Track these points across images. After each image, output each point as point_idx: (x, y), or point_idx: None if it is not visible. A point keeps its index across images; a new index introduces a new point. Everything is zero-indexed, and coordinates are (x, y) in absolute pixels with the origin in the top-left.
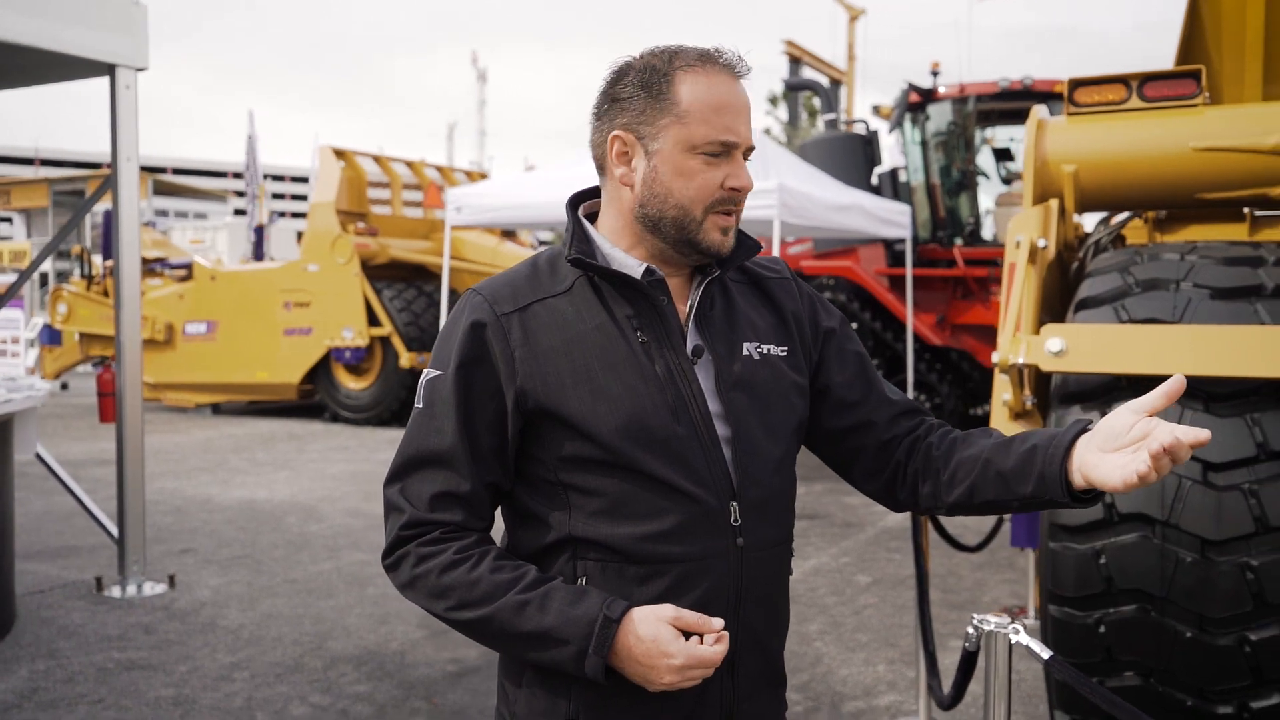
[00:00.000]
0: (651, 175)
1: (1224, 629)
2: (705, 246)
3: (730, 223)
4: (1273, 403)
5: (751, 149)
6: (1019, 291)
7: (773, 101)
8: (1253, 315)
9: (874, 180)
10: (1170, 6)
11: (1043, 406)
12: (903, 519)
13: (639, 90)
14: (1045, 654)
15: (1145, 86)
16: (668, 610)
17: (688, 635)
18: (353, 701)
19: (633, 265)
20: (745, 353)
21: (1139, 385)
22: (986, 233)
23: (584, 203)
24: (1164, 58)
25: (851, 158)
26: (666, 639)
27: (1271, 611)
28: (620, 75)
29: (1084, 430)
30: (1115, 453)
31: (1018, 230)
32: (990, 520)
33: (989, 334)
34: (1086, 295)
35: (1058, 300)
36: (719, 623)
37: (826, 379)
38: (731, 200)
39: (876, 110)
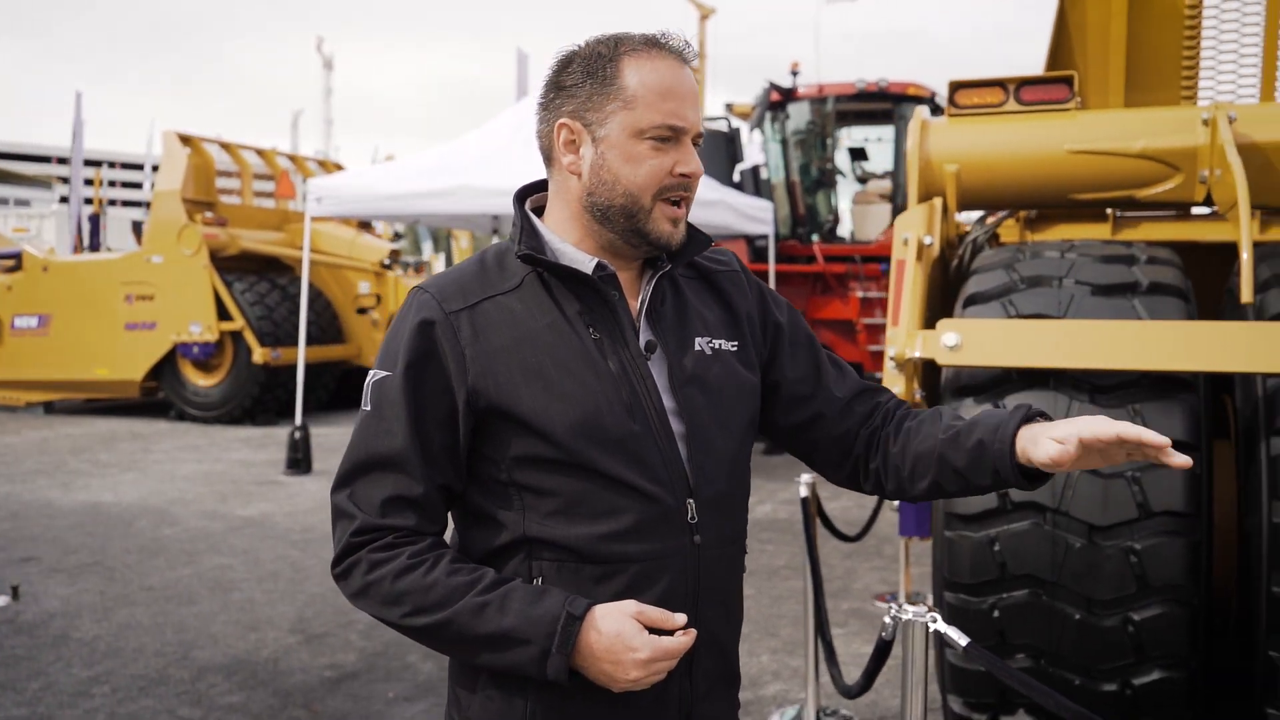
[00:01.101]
0: (599, 162)
1: (1109, 610)
2: (655, 237)
3: (680, 214)
4: (1152, 393)
5: (701, 135)
6: (909, 288)
7: None
8: (1131, 311)
9: (736, 177)
10: (1007, 16)
11: (931, 399)
12: (773, 509)
13: (585, 77)
14: (963, 641)
15: (1022, 90)
16: (630, 605)
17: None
18: (225, 713)
19: (583, 260)
20: (697, 348)
21: (1029, 378)
22: (843, 230)
23: (529, 196)
24: (1000, 63)
25: (715, 154)
26: (630, 633)
27: (1153, 593)
28: (566, 63)
29: (1026, 418)
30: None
31: (904, 228)
32: (868, 510)
33: (847, 329)
34: (975, 291)
35: (939, 296)
36: (681, 618)
37: (778, 375)
38: (682, 186)
39: (729, 108)
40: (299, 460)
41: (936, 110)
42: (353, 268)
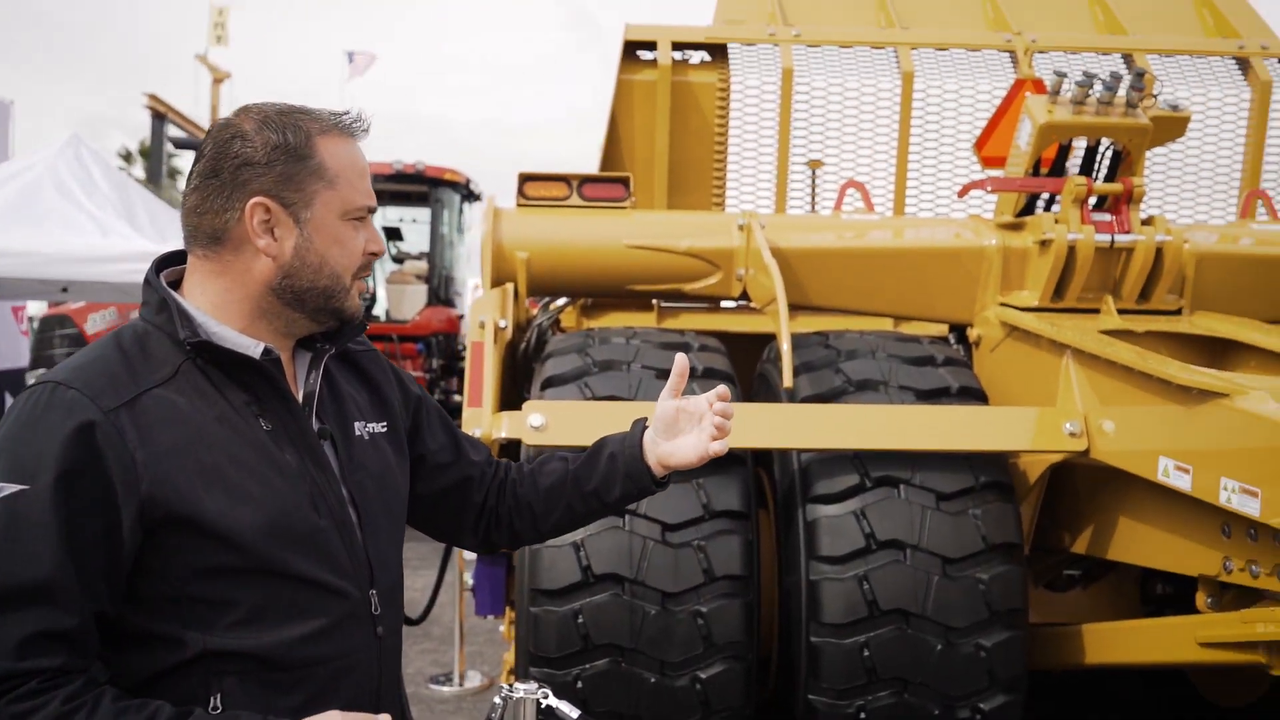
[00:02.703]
0: (305, 245)
1: (680, 670)
2: (349, 314)
3: (364, 287)
4: (713, 468)
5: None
6: (489, 370)
7: (126, 158)
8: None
9: None
10: (524, 110)
11: None
12: None
13: (278, 155)
14: (574, 714)
15: (584, 187)
16: (335, 716)
17: None
18: None
19: (247, 344)
20: (358, 433)
21: None
22: (379, 309)
23: (164, 270)
24: (504, 152)
25: None
26: None
27: (717, 651)
28: (236, 137)
29: (645, 428)
30: (681, 437)
31: (480, 311)
32: (426, 595)
33: None
34: (553, 374)
35: (507, 377)
36: (386, 717)
37: (422, 447)
38: (369, 264)
39: None
40: None
41: (470, 197)
42: None
